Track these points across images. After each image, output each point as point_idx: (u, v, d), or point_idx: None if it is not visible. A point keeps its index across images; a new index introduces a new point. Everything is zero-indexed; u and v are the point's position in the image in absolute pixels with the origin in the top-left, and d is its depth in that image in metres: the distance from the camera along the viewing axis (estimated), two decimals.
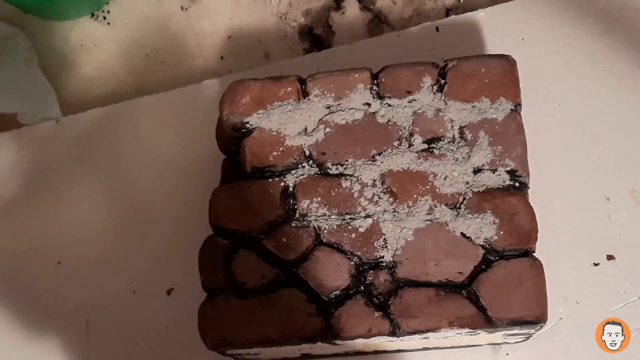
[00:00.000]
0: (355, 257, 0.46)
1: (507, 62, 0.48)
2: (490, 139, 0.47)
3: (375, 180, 0.47)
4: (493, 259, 0.45)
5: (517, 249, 0.45)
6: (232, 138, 0.50)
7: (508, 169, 0.46)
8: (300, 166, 0.48)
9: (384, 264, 0.46)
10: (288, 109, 0.49)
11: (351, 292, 0.46)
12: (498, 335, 0.48)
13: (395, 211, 0.46)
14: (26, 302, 0.58)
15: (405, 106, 0.48)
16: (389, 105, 0.48)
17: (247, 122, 0.49)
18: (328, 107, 0.49)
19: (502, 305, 0.44)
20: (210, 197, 0.49)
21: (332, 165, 0.48)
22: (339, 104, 0.49)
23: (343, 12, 0.65)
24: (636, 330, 0.51)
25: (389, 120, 0.48)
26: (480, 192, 0.46)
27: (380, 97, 0.49)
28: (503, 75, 0.48)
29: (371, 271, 0.46)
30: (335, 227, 0.47)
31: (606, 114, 0.55)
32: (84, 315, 0.58)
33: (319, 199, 0.47)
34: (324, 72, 0.50)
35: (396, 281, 0.46)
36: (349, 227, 0.46)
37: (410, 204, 0.46)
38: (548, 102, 0.56)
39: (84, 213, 0.60)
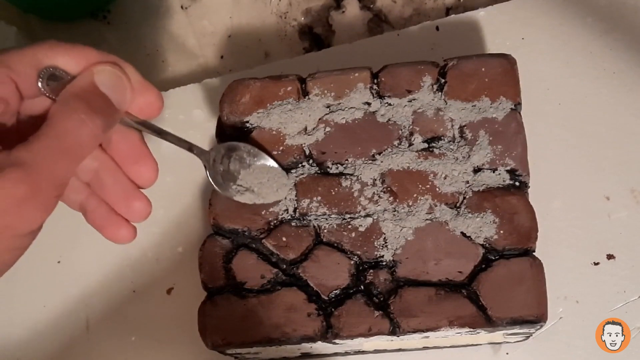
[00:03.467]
0: (355, 257, 0.46)
1: (507, 62, 0.48)
2: (490, 139, 0.47)
3: (375, 180, 0.47)
4: (493, 258, 0.45)
5: (517, 248, 0.45)
6: (232, 137, 0.50)
7: (508, 168, 0.46)
8: (300, 165, 0.48)
9: (384, 263, 0.46)
10: (288, 108, 0.49)
11: (351, 291, 0.46)
12: (498, 335, 0.48)
13: (395, 210, 0.46)
14: (26, 301, 0.58)
15: (405, 105, 0.48)
16: (389, 104, 0.48)
17: (247, 122, 0.49)
18: (328, 107, 0.49)
19: (502, 304, 0.44)
20: (210, 197, 0.49)
21: (332, 164, 0.48)
22: (339, 103, 0.49)
23: (343, 12, 0.65)
24: (636, 330, 0.51)
25: (389, 120, 0.48)
26: (480, 192, 0.46)
27: (380, 96, 0.49)
28: (503, 74, 0.48)
29: (371, 270, 0.46)
30: (335, 226, 0.47)
31: (606, 114, 0.55)
32: (84, 314, 0.58)
33: (319, 198, 0.47)
34: (324, 72, 0.50)
35: (396, 280, 0.46)
36: (349, 227, 0.46)
37: (410, 203, 0.46)
38: (548, 101, 0.56)
39: None
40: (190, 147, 0.42)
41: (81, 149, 0.33)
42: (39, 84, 0.34)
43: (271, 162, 0.47)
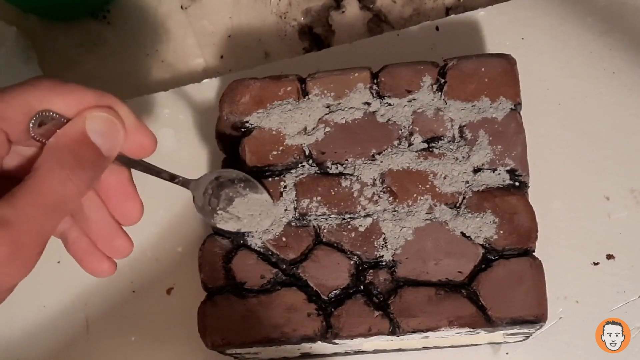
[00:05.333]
0: (355, 257, 0.46)
1: (507, 62, 0.48)
2: (490, 139, 0.47)
3: (375, 180, 0.47)
4: (493, 258, 0.45)
5: (517, 248, 0.45)
6: (232, 137, 0.50)
7: (508, 168, 0.46)
8: (300, 165, 0.48)
9: (384, 263, 0.46)
10: (288, 108, 0.49)
11: (351, 291, 0.46)
12: (498, 335, 0.48)
13: (395, 210, 0.46)
14: (26, 301, 0.58)
15: (405, 105, 0.48)
16: (389, 104, 0.48)
17: (247, 122, 0.49)
18: (328, 107, 0.49)
19: (501, 304, 0.44)
20: None
21: (332, 164, 0.48)
22: (339, 103, 0.49)
23: (343, 12, 0.65)
24: (636, 329, 0.51)
25: (389, 120, 0.48)
26: (480, 192, 0.46)
27: (380, 96, 0.49)
28: (503, 74, 0.48)
29: (371, 270, 0.46)
30: (335, 226, 0.47)
31: (606, 114, 0.55)
32: (84, 314, 0.58)
33: (319, 198, 0.47)
34: (324, 72, 0.50)
35: (396, 280, 0.46)
36: (349, 227, 0.46)
37: (410, 203, 0.46)
38: (548, 101, 0.56)
39: None
40: (178, 180, 0.41)
41: (66, 205, 0.32)
42: (30, 130, 0.33)
43: (264, 194, 0.47)
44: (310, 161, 0.48)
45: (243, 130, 0.49)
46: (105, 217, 0.38)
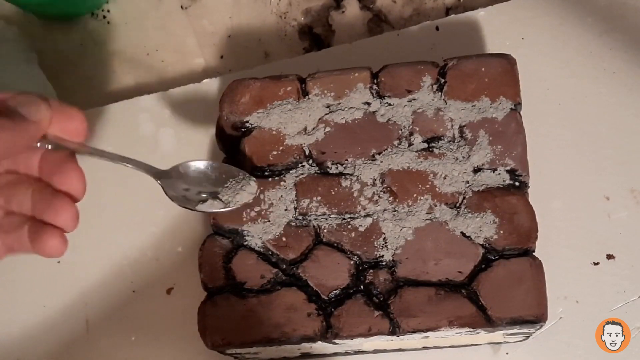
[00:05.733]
0: (355, 257, 0.46)
1: (507, 62, 0.48)
2: (490, 138, 0.47)
3: (375, 180, 0.47)
4: (493, 258, 0.45)
5: (517, 248, 0.45)
6: (232, 137, 0.50)
7: (508, 168, 0.46)
8: (300, 165, 0.48)
9: (384, 263, 0.46)
10: (288, 108, 0.49)
11: (351, 291, 0.46)
12: (498, 335, 0.48)
13: (395, 210, 0.46)
14: (26, 301, 0.58)
15: (405, 105, 0.48)
16: (389, 104, 0.48)
17: (247, 121, 0.49)
18: (328, 107, 0.49)
19: (501, 304, 0.44)
20: None
21: (332, 164, 0.48)
22: (339, 103, 0.49)
23: (343, 12, 0.65)
24: (636, 329, 0.51)
25: (389, 120, 0.48)
26: (480, 192, 0.46)
27: (380, 96, 0.49)
28: (503, 74, 0.48)
29: (371, 270, 0.46)
30: (335, 226, 0.47)
31: (606, 114, 0.55)
32: (84, 314, 0.58)
33: (319, 198, 0.47)
34: (324, 72, 0.50)
35: (396, 280, 0.46)
36: (349, 227, 0.46)
37: (410, 203, 0.46)
38: (548, 101, 0.56)
39: (83, 212, 0.60)
40: (148, 169, 0.41)
41: None
42: None
43: (239, 172, 0.45)
44: (310, 161, 0.48)
45: (243, 130, 0.49)
46: (47, 193, 0.38)
